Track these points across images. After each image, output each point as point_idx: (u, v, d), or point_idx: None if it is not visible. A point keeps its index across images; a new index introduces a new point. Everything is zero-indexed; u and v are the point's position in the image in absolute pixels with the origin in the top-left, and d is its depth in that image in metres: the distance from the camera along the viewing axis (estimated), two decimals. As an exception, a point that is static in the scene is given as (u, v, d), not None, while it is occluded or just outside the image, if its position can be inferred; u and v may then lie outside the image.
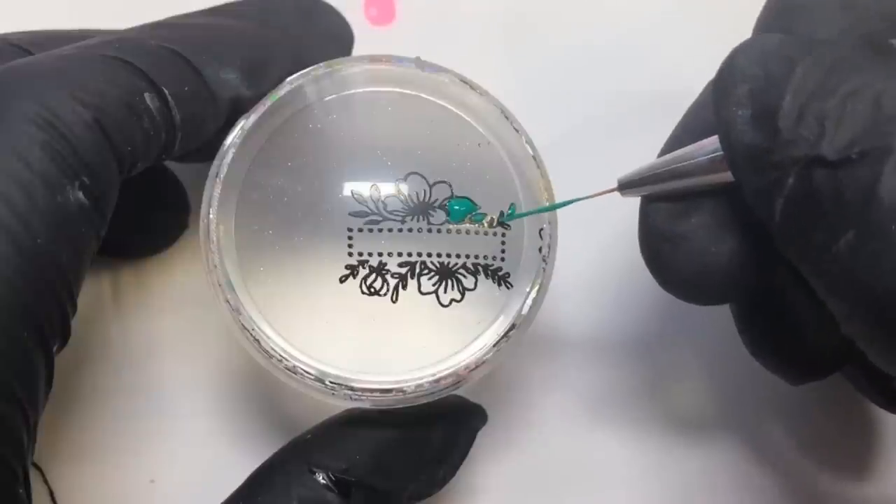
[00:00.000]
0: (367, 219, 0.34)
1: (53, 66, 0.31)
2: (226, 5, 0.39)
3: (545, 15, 0.47)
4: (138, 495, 0.41)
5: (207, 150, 0.36)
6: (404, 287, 0.34)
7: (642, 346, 0.44)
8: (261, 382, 0.42)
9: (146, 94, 0.32)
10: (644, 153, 0.44)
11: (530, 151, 0.35)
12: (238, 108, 0.35)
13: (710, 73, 0.45)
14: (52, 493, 0.40)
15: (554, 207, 0.34)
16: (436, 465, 0.36)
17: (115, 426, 0.42)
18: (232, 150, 0.34)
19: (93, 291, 0.42)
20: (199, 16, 0.38)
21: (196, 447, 0.42)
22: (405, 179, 0.34)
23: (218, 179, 0.33)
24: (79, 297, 0.31)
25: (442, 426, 0.36)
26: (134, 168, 0.32)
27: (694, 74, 0.45)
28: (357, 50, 0.41)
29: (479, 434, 0.38)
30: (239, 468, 0.36)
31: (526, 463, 0.42)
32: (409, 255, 0.34)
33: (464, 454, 0.37)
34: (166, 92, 0.32)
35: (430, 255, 0.34)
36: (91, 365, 0.42)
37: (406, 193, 0.34)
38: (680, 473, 0.42)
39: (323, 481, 0.33)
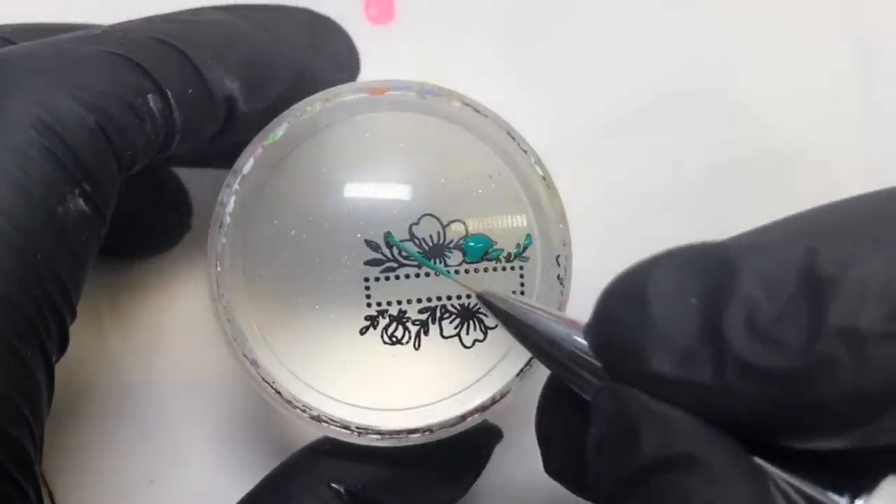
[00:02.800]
0: (382, 267, 0.33)
1: (54, 62, 0.30)
2: (241, 6, 0.37)
3: (546, 14, 0.46)
4: (137, 496, 0.42)
5: (199, 155, 0.35)
6: (426, 333, 0.33)
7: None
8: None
9: (149, 96, 0.31)
10: (643, 154, 0.45)
11: (540, 172, 0.34)
12: (233, 115, 0.34)
13: (710, 72, 0.45)
14: (51, 494, 0.40)
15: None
16: (450, 483, 0.37)
17: (114, 427, 0.42)
18: (233, 198, 0.33)
19: (93, 292, 0.42)
20: (210, 12, 0.37)
21: (195, 449, 0.42)
22: (418, 222, 0.33)
23: (221, 230, 0.33)
24: (79, 298, 0.30)
25: (459, 447, 0.37)
26: (131, 169, 0.31)
27: (695, 74, 0.45)
28: (359, 50, 0.40)
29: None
30: (238, 469, 0.36)
31: (537, 478, 0.42)
32: (429, 300, 0.33)
33: (478, 473, 0.38)
34: (169, 94, 0.31)
35: (449, 297, 0.33)
36: (91, 365, 0.42)
37: (420, 237, 0.33)
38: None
39: (339, 495, 0.34)
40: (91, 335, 0.42)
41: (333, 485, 0.34)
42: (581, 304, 0.43)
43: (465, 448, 0.37)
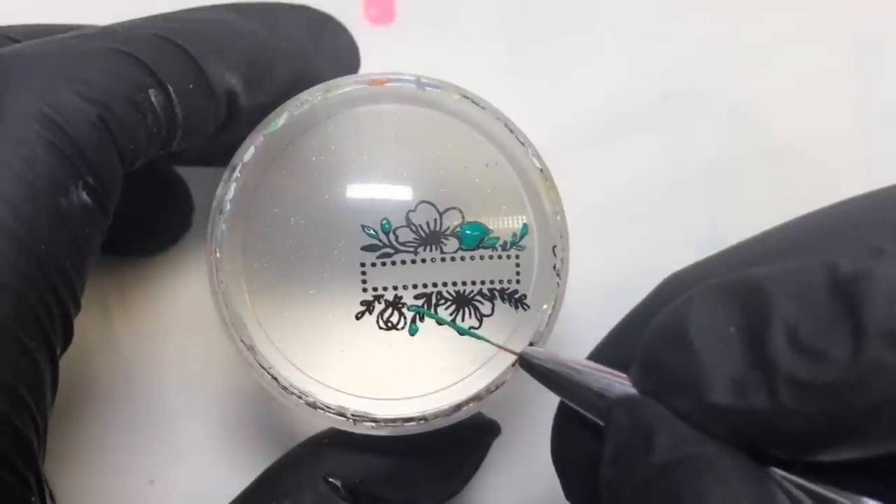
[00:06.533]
0: (379, 252, 0.33)
1: (56, 58, 0.30)
2: (240, 5, 0.38)
3: (545, 14, 0.46)
4: (138, 496, 0.42)
5: (202, 153, 0.35)
6: (421, 319, 0.33)
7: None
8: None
9: (150, 91, 0.31)
10: (643, 153, 0.45)
11: (537, 164, 0.34)
12: (235, 110, 0.34)
13: (710, 72, 0.46)
14: (51, 494, 0.40)
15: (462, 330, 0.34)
16: (448, 478, 0.37)
17: (115, 426, 0.42)
18: (233, 185, 0.33)
19: (96, 291, 0.42)
20: (211, 11, 0.37)
21: (196, 448, 0.42)
22: (415, 209, 0.33)
23: (221, 216, 0.33)
24: (83, 291, 0.31)
25: (457, 441, 0.37)
26: (133, 164, 0.32)
27: (694, 74, 0.46)
28: (360, 50, 0.40)
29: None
30: (239, 469, 0.36)
31: (535, 474, 0.42)
32: (425, 286, 0.33)
33: (475, 467, 0.38)
34: (170, 89, 0.31)
35: (445, 284, 0.33)
36: (92, 364, 0.42)
37: (417, 223, 0.33)
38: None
39: (337, 489, 0.34)
40: (92, 334, 0.42)
41: (331, 479, 0.34)
42: (581, 303, 0.43)
43: (463, 442, 0.37)
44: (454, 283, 0.34)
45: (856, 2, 0.46)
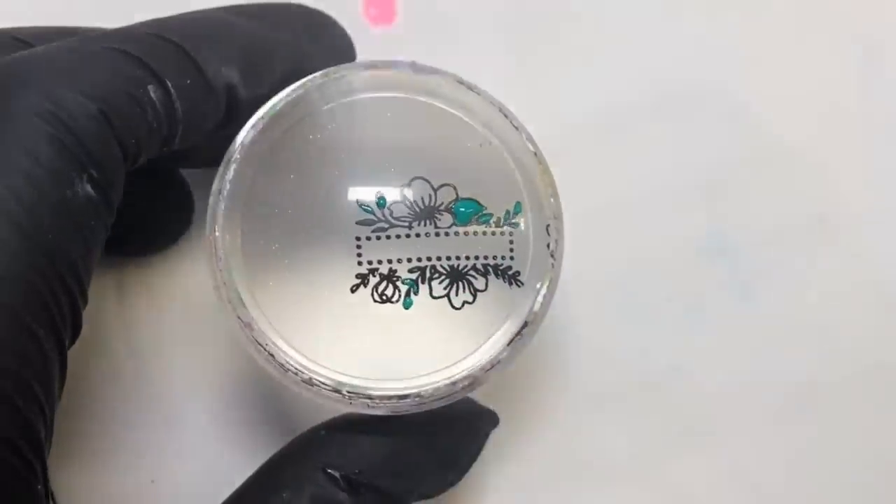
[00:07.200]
0: (374, 227, 0.33)
1: (56, 58, 0.31)
2: (236, 5, 0.38)
3: (547, 15, 0.47)
4: (139, 495, 0.41)
5: (208, 155, 0.36)
6: (416, 293, 0.34)
7: (649, 343, 0.44)
8: (263, 382, 0.42)
9: (149, 87, 0.31)
10: (643, 154, 0.45)
11: (531, 148, 0.35)
12: (234, 105, 0.35)
13: (709, 73, 0.46)
14: (52, 494, 0.40)
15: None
16: (447, 467, 0.37)
17: (115, 425, 0.42)
18: (233, 166, 0.33)
19: (96, 289, 0.42)
20: (207, 10, 0.38)
21: (197, 447, 0.42)
22: (409, 185, 0.34)
23: (221, 196, 0.33)
24: (90, 284, 0.31)
25: (455, 430, 0.37)
26: (136, 161, 0.32)
27: (695, 74, 0.46)
28: (359, 50, 0.41)
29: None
30: (240, 468, 0.36)
31: (534, 461, 0.42)
32: (419, 260, 0.34)
33: (474, 457, 0.38)
34: (169, 84, 0.32)
35: (439, 258, 0.34)
36: (93, 363, 0.42)
37: (412, 199, 0.34)
38: (688, 471, 0.43)
39: (335, 481, 0.34)
40: (93, 333, 0.42)
41: (329, 470, 0.34)
42: (581, 303, 0.43)
43: (462, 431, 0.37)
44: (448, 258, 0.34)
45: (856, 2, 0.46)
